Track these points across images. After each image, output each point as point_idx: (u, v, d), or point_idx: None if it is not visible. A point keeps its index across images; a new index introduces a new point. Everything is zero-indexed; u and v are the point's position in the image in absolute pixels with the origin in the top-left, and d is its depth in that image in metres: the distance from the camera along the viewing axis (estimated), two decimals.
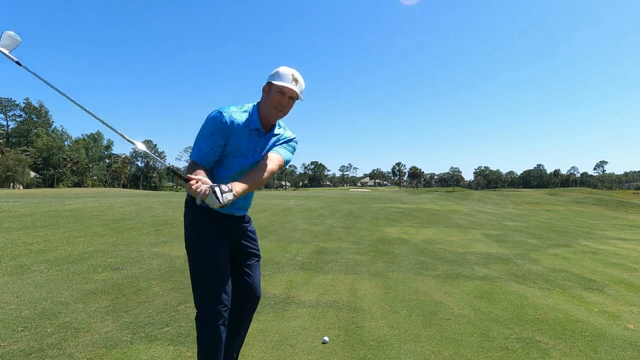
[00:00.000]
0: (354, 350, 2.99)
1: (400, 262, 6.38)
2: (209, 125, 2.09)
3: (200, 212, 2.15)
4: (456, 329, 3.44)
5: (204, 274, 2.11)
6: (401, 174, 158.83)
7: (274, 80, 2.14)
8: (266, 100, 2.17)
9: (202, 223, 2.16)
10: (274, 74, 2.17)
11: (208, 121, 2.09)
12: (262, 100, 2.21)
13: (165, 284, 4.73)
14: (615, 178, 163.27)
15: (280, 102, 2.14)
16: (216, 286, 2.11)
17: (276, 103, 2.14)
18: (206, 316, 2.09)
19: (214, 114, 2.10)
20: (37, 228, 9.16)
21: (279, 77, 2.15)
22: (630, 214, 32.89)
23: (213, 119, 2.08)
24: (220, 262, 2.13)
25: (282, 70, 2.17)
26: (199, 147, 2.11)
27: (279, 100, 2.14)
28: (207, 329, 2.09)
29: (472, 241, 9.23)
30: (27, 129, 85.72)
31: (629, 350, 3.10)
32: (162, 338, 3.12)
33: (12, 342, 2.99)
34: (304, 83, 2.24)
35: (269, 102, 2.15)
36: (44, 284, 4.61)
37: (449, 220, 14.85)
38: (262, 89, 2.22)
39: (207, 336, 2.10)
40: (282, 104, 2.15)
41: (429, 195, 53.00)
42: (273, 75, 2.17)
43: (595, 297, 4.61)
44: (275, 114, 2.17)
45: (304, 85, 2.23)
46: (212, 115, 2.10)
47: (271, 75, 2.19)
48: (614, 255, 7.80)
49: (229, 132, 2.10)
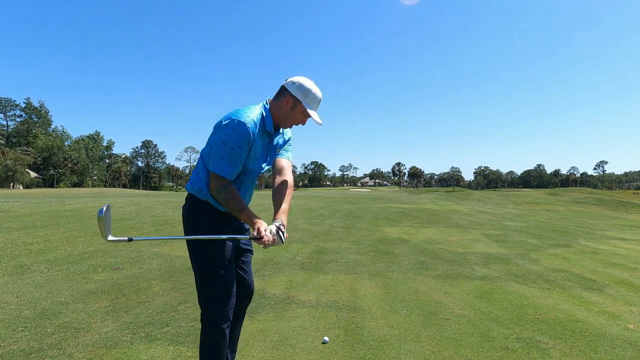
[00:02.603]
0: (354, 350, 2.99)
1: (400, 262, 6.38)
2: (237, 141, 1.96)
3: (201, 214, 2.13)
4: (456, 329, 3.44)
5: (214, 277, 2.07)
6: (401, 174, 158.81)
7: (304, 102, 2.07)
8: (286, 113, 2.10)
9: (203, 225, 2.11)
10: (305, 93, 2.07)
11: (234, 137, 1.96)
12: (279, 109, 2.10)
13: (165, 284, 4.73)
14: (615, 178, 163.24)
15: (301, 122, 2.14)
16: (225, 289, 2.08)
17: (296, 122, 2.14)
18: (215, 319, 2.06)
19: (240, 128, 1.96)
20: (37, 228, 9.16)
21: (311, 101, 2.09)
22: (630, 214, 32.89)
23: (241, 134, 1.96)
24: (228, 264, 2.11)
25: (315, 93, 2.10)
26: (228, 162, 1.99)
27: (301, 120, 2.13)
28: (215, 331, 2.07)
29: (472, 241, 9.23)
30: (27, 129, 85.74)
31: (629, 350, 3.10)
32: (162, 338, 3.12)
33: (12, 342, 2.99)
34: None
35: (290, 118, 2.11)
36: (44, 284, 4.61)
37: (449, 220, 14.85)
38: (284, 99, 2.08)
39: (213, 338, 2.08)
40: (302, 124, 2.16)
41: (429, 195, 53.01)
42: (304, 93, 2.07)
43: (595, 297, 4.61)
44: (289, 126, 2.17)
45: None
46: (238, 129, 1.96)
47: (301, 91, 2.07)
48: (614, 255, 7.80)
49: (253, 143, 2.04)
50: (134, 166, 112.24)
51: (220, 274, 2.06)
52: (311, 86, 2.10)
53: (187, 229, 2.19)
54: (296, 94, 2.07)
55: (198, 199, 2.14)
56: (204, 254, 2.08)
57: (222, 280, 2.07)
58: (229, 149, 1.97)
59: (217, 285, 2.07)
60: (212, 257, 2.07)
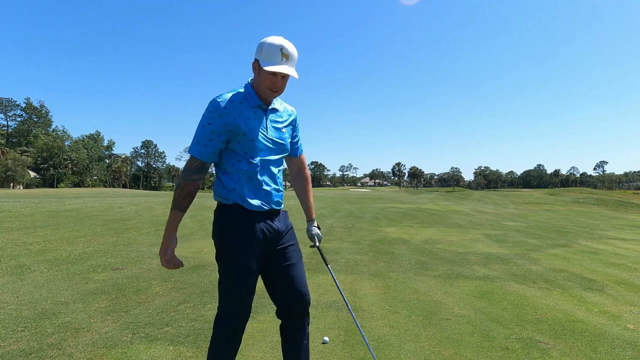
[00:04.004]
0: (354, 350, 2.99)
1: (400, 262, 6.38)
2: (207, 118, 1.91)
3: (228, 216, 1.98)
4: (456, 329, 3.44)
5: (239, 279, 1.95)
6: (401, 174, 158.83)
7: (261, 61, 1.90)
8: (258, 80, 1.95)
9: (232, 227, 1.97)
10: (260, 51, 1.91)
11: (205, 114, 1.93)
12: (255, 80, 1.99)
13: (165, 284, 4.73)
14: (615, 178, 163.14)
15: (273, 83, 1.93)
16: (237, 289, 1.96)
17: (269, 85, 1.93)
18: (234, 323, 1.98)
19: (211, 105, 1.92)
20: (37, 228, 9.16)
21: (267, 53, 1.89)
22: (630, 214, 32.88)
23: (210, 110, 1.91)
24: (247, 266, 1.96)
25: (269, 46, 1.89)
26: (197, 140, 1.93)
27: (272, 82, 1.92)
28: (230, 335, 1.98)
29: (472, 241, 9.23)
30: (28, 129, 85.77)
31: (629, 350, 3.09)
32: (162, 338, 3.12)
33: (12, 342, 2.99)
34: (296, 52, 1.97)
35: (262, 83, 1.93)
36: (44, 284, 4.61)
37: (449, 220, 14.85)
38: (252, 66, 1.98)
39: (227, 342, 1.98)
40: (276, 85, 1.94)
41: (429, 195, 52.99)
42: (260, 52, 1.92)
43: (595, 297, 4.61)
44: (271, 94, 1.97)
45: (296, 56, 1.97)
46: (209, 106, 1.92)
47: (258, 51, 1.93)
48: (614, 255, 7.80)
49: (232, 118, 1.91)
50: (134, 166, 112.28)
51: (234, 275, 1.95)
52: (266, 39, 1.92)
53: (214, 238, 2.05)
54: (256, 55, 1.94)
55: (222, 203, 2.02)
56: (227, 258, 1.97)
57: (235, 282, 1.95)
58: (200, 127, 1.93)
59: (230, 284, 1.97)
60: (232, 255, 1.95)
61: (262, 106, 2.00)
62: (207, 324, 3.43)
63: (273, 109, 2.07)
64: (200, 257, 6.36)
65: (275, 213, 2.07)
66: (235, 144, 1.95)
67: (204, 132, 1.91)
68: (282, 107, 2.15)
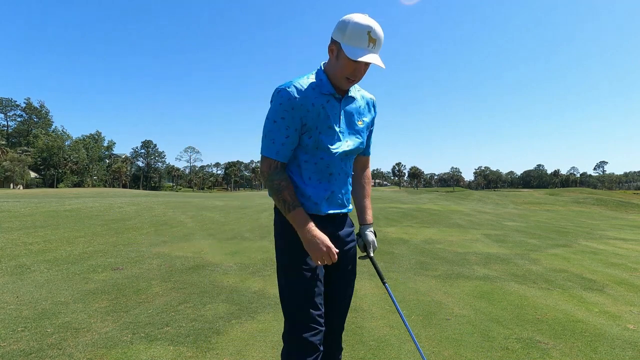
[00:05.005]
0: (354, 350, 2.99)
1: (400, 262, 6.38)
2: (278, 111, 1.64)
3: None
4: (456, 329, 3.44)
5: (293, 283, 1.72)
6: (401, 174, 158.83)
7: (343, 45, 1.59)
8: (335, 66, 1.65)
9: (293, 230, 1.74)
10: (342, 33, 1.59)
11: (275, 107, 1.65)
12: (330, 65, 1.70)
13: (165, 284, 4.73)
14: (615, 178, 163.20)
15: (354, 72, 1.64)
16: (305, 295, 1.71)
17: (349, 73, 1.64)
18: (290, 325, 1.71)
19: (280, 95, 1.63)
20: (37, 228, 9.17)
21: (351, 40, 1.58)
22: (630, 214, 32.88)
23: (281, 102, 1.63)
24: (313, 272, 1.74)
25: (354, 28, 1.57)
26: (272, 139, 1.66)
27: (353, 70, 1.63)
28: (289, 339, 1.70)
29: (472, 241, 9.23)
30: (28, 129, 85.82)
31: (629, 350, 3.10)
32: (162, 338, 3.12)
33: (12, 342, 2.99)
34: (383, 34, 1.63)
35: (339, 71, 1.64)
36: (44, 284, 4.61)
37: (449, 220, 14.85)
38: (329, 49, 1.68)
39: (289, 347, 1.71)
40: (357, 74, 1.65)
41: (429, 195, 52.98)
42: (341, 34, 1.59)
43: (595, 297, 4.61)
44: (347, 83, 1.69)
45: (383, 40, 1.64)
46: (278, 97, 1.64)
47: (339, 32, 1.61)
48: (614, 255, 7.80)
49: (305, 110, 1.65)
50: (134, 166, 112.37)
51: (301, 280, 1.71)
52: (350, 17, 1.59)
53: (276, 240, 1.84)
54: (335, 36, 1.62)
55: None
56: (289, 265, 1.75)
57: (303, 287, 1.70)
58: (271, 123, 1.66)
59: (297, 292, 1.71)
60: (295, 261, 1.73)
61: (336, 95, 1.73)
62: (207, 324, 3.44)
63: (350, 97, 1.79)
64: (200, 257, 6.36)
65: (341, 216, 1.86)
66: (306, 138, 1.69)
67: (278, 129, 1.65)
68: (360, 94, 1.86)
